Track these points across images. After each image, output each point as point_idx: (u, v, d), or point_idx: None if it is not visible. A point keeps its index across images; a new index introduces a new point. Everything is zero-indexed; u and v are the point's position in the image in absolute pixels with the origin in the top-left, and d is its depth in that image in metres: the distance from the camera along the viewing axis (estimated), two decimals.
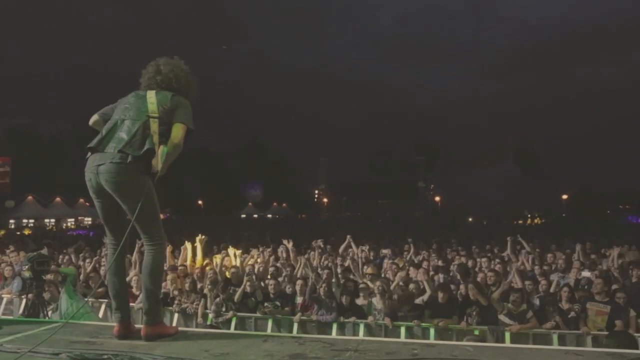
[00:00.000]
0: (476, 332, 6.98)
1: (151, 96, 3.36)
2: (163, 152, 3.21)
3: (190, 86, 3.58)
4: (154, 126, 3.24)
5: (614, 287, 7.68)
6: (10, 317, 7.37)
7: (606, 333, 6.38)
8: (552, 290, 8.10)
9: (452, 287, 8.30)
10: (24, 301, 7.57)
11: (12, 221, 40.01)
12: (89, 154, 3.32)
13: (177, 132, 3.27)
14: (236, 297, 7.98)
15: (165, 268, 8.92)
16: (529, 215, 66.77)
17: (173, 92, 3.43)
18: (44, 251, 9.68)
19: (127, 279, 7.54)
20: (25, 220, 41.13)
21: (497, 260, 10.95)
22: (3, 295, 8.94)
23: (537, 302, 7.62)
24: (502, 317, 7.19)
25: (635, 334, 6.46)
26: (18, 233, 27.35)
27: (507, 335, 6.94)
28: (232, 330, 7.32)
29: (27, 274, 6.29)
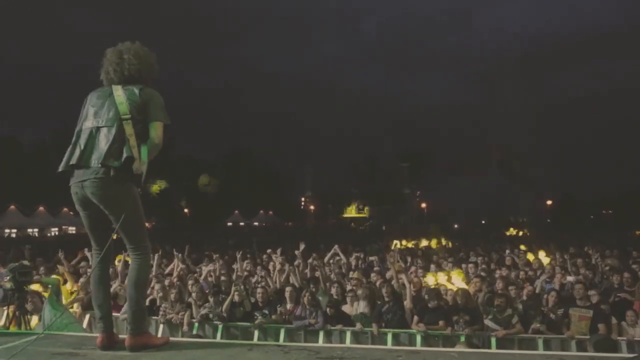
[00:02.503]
0: (462, 339, 7.00)
1: (119, 95, 3.27)
2: (144, 153, 3.18)
3: (154, 69, 3.50)
4: (129, 128, 3.18)
5: (593, 292, 7.76)
6: None
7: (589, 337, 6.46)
8: (536, 292, 8.18)
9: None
10: (5, 312, 7.43)
11: None
12: (65, 164, 3.25)
13: (156, 131, 3.25)
14: (224, 307, 7.93)
15: (152, 277, 8.91)
16: (515, 222, 67.31)
17: (140, 85, 3.34)
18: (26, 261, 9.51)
19: (112, 289, 7.47)
20: (7, 230, 40.52)
21: (484, 266, 11.05)
22: None
23: (520, 306, 7.68)
24: (487, 322, 7.24)
25: (619, 338, 6.55)
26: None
27: (493, 340, 6.97)
28: (218, 339, 7.27)
29: (8, 285, 6.18)
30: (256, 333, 7.75)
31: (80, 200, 3.27)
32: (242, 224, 61.57)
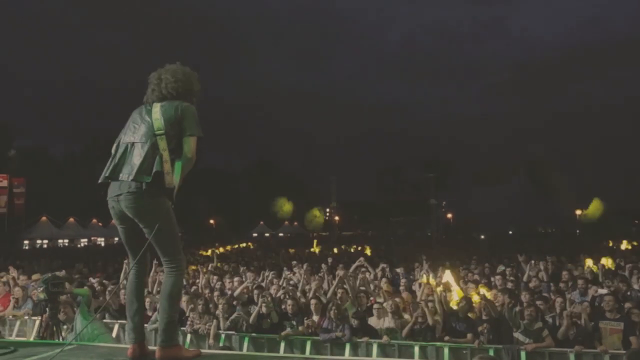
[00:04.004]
0: (491, 352, 6.89)
1: (156, 112, 3.39)
2: (177, 168, 3.27)
3: (192, 87, 3.59)
4: (162, 144, 3.28)
5: (628, 305, 7.57)
6: (25, 339, 7.41)
7: (623, 352, 6.29)
8: (567, 306, 8.00)
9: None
10: (37, 323, 7.61)
11: (26, 242, 40.36)
12: (103, 177, 3.37)
13: (189, 146, 3.32)
14: (251, 319, 7.96)
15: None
16: (543, 231, 66.13)
17: (177, 102, 3.43)
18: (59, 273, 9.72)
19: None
20: (39, 241, 41.46)
21: (512, 278, 10.87)
22: (26, 316, 8.94)
23: (550, 320, 7.53)
24: (517, 335, 7.10)
25: None
26: None
27: (523, 354, 6.84)
28: (245, 351, 7.30)
29: (41, 296, 6.33)
30: (282, 345, 7.75)
31: (117, 214, 3.37)
32: (267, 234, 61.81)
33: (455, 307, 8.14)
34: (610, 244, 26.37)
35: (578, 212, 61.35)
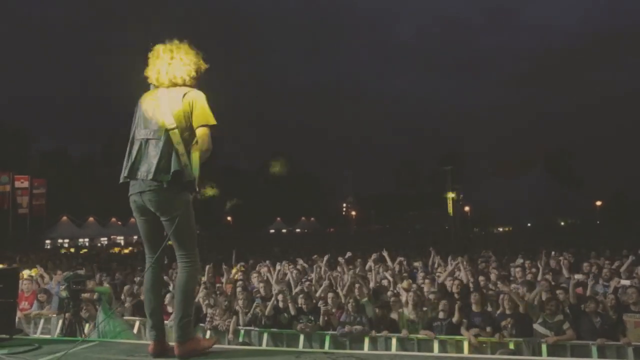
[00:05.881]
0: (511, 346, 6.82)
1: (164, 104, 3.33)
2: (194, 160, 3.27)
3: (199, 67, 3.51)
4: (176, 137, 3.26)
5: None
6: (49, 337, 7.53)
7: None
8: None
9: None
10: (60, 320, 7.72)
11: (48, 241, 41.07)
12: (123, 177, 3.39)
13: (203, 137, 3.31)
14: (267, 311, 7.98)
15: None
16: (563, 223, 65.39)
17: (184, 90, 3.37)
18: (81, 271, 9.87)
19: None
20: (60, 240, 42.17)
21: (533, 270, 10.74)
22: (50, 315, 9.08)
23: (568, 311, 7.44)
24: (536, 327, 7.02)
25: None
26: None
27: (544, 347, 6.77)
28: (264, 346, 7.33)
29: (64, 294, 6.42)
30: (301, 340, 7.77)
31: (139, 207, 3.38)
32: (284, 230, 62.05)
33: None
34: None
35: (598, 202, 60.50)
